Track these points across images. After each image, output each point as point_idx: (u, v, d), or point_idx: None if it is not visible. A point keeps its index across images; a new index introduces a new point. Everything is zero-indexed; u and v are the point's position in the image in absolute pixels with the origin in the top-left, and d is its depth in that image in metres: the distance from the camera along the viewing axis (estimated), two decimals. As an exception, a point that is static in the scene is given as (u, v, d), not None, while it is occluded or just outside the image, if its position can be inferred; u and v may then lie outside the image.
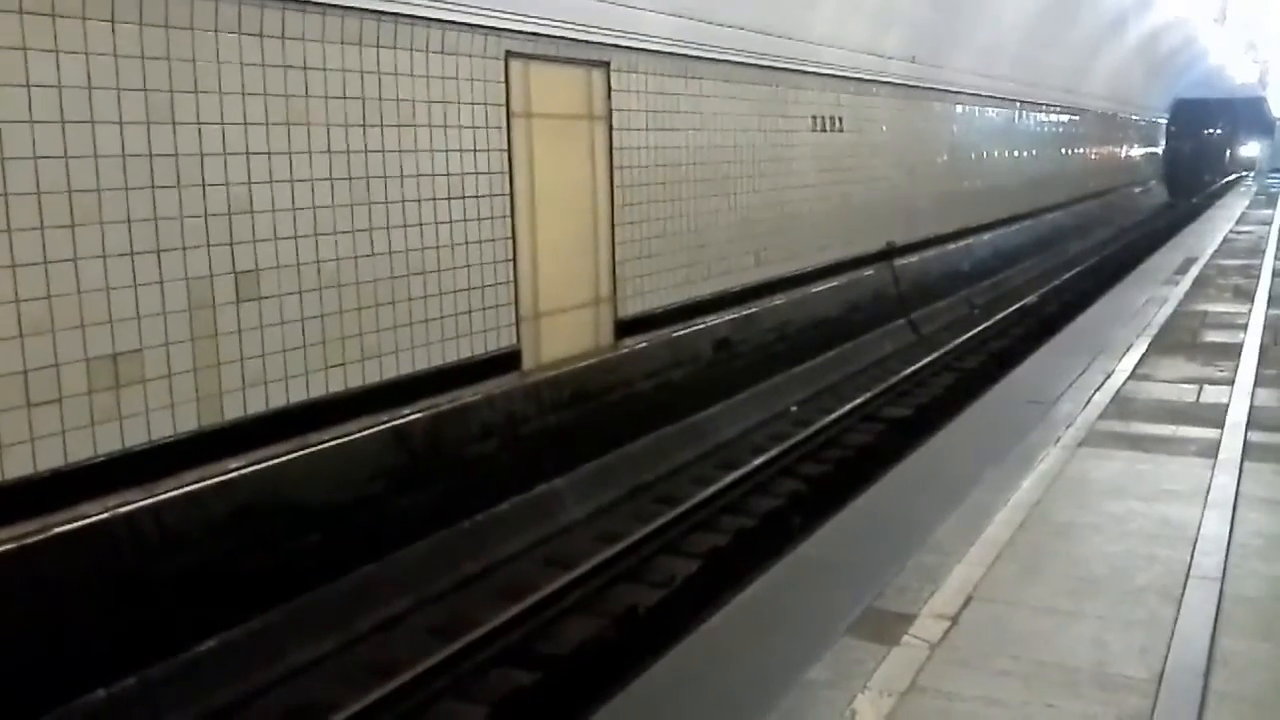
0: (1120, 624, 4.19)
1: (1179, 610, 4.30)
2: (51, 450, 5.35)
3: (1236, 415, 7.12)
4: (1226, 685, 3.73)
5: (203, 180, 5.99)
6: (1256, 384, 7.99)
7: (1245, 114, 49.31)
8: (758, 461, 9.35)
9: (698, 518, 8.23)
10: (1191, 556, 4.82)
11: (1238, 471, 5.97)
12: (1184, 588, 4.50)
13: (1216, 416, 7.11)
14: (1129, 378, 8.31)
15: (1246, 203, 28.58)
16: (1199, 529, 5.14)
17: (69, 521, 5.36)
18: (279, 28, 6.37)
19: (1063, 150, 26.28)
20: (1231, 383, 8.05)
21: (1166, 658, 3.91)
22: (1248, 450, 6.36)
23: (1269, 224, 21.83)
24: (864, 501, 6.09)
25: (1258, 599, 4.44)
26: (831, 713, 3.56)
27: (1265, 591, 4.51)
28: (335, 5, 6.66)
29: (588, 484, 8.66)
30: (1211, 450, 6.37)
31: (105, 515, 5.51)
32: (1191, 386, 7.99)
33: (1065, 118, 25.95)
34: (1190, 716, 3.52)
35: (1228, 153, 53.12)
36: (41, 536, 5.22)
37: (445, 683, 5.89)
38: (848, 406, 11.21)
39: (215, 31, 6.01)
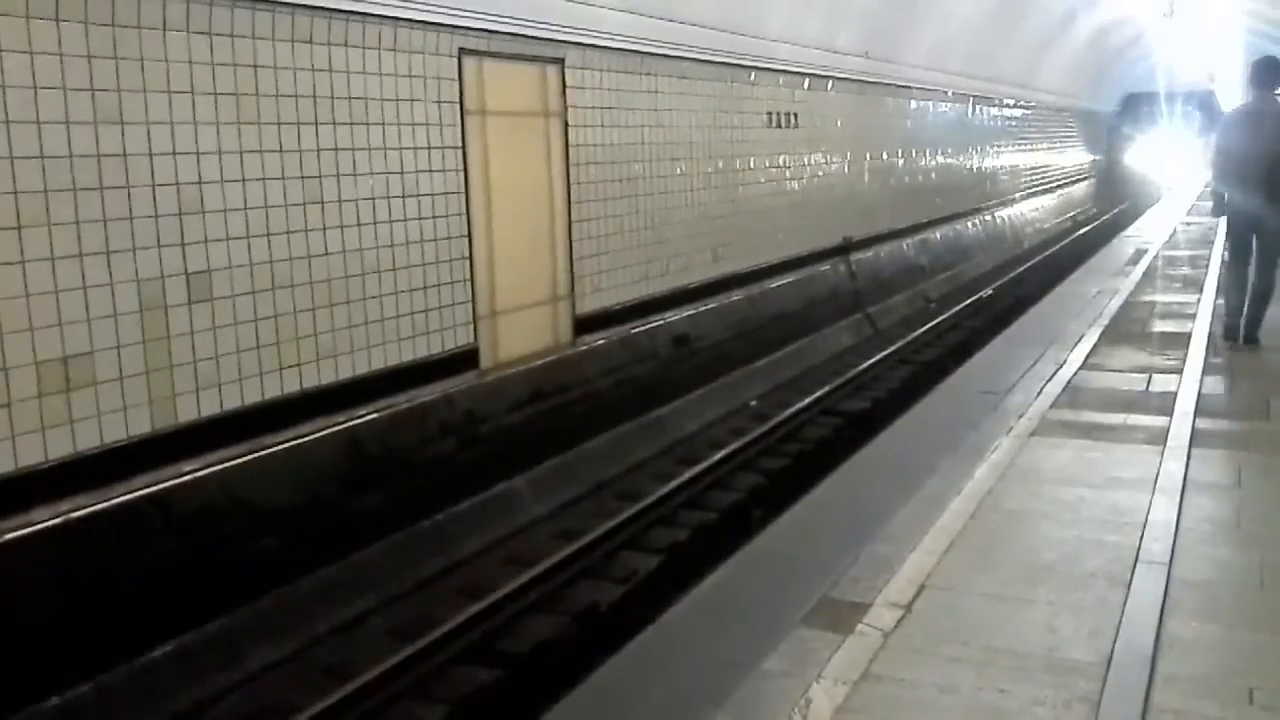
0: (1070, 609, 4.24)
1: (1128, 595, 4.36)
2: (2, 455, 5.29)
3: (1185, 403, 7.22)
4: (1173, 667, 3.80)
5: (153, 180, 5.94)
6: (1204, 372, 8.11)
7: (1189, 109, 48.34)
8: (717, 456, 9.39)
9: (658, 513, 8.26)
10: (1140, 542, 4.88)
11: (1185, 458, 6.06)
12: (1132, 573, 4.56)
13: (1165, 405, 7.21)
14: (1080, 367, 8.42)
15: (1195, 196, 28.95)
16: (1148, 515, 5.21)
17: (21, 527, 5.30)
18: (228, 26, 6.33)
19: (1017, 144, 26.48)
20: (1180, 371, 8.17)
21: (1115, 641, 3.97)
22: (1195, 437, 6.45)
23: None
24: (819, 493, 6.13)
25: (1205, 583, 4.51)
26: (786, 702, 3.59)
27: (1212, 575, 4.59)
28: (285, 3, 6.62)
29: (548, 482, 8.67)
30: (1160, 438, 6.46)
31: (58, 520, 5.45)
32: (1141, 375, 8.10)
33: (1019, 112, 26.17)
34: (1138, 698, 3.58)
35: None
36: (-7, 542, 5.17)
37: (406, 683, 5.88)
38: (806, 400, 11.27)
39: (163, 30, 5.96)
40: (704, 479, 8.97)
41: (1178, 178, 38.65)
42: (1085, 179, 36.71)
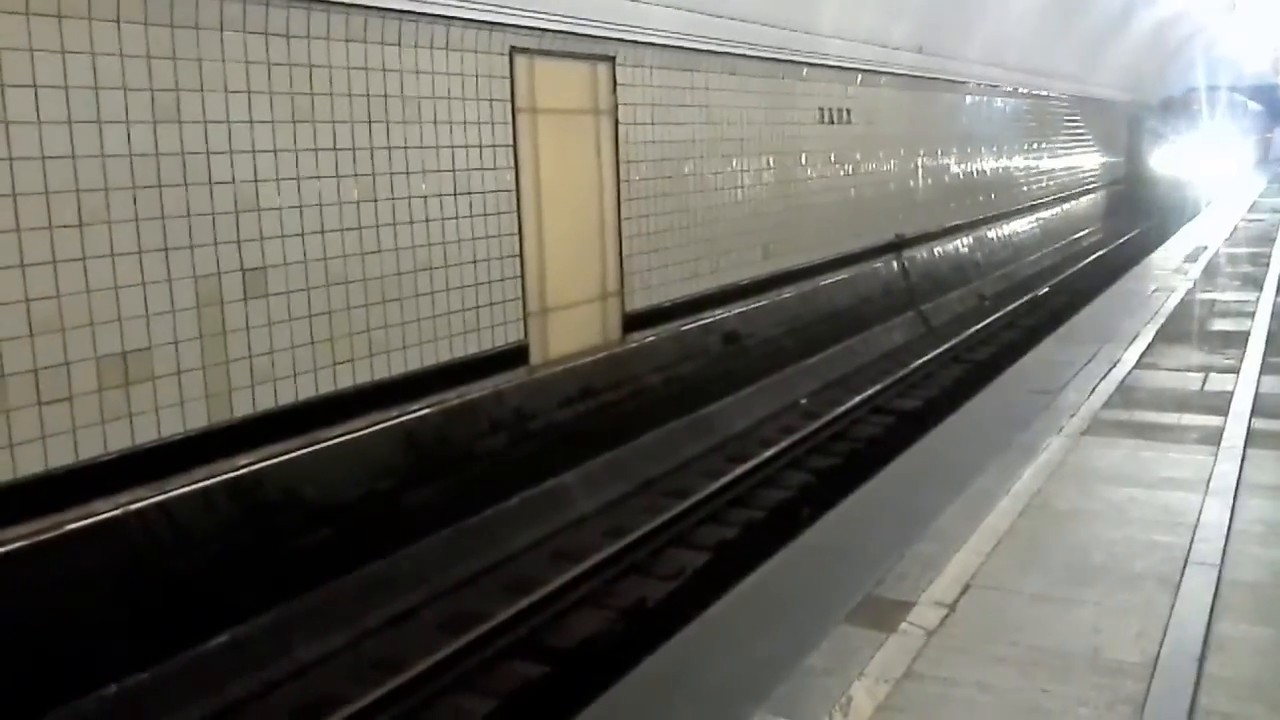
0: (1117, 610, 4.22)
1: (1176, 596, 4.32)
2: (63, 448, 5.42)
3: (1241, 403, 7.12)
4: (1221, 669, 3.76)
5: (210, 178, 6.06)
6: (1262, 372, 7.99)
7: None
8: (767, 454, 9.38)
9: (707, 510, 8.27)
10: (1191, 543, 4.84)
11: (1240, 459, 5.98)
12: (1182, 574, 4.52)
13: (1221, 404, 7.12)
14: (1134, 366, 8.33)
15: (1260, 189, 28.43)
16: (1199, 516, 5.16)
17: (82, 518, 5.43)
18: (284, 26, 6.43)
19: (1074, 141, 26.07)
20: (1237, 371, 8.05)
21: (1162, 643, 3.94)
22: (1251, 438, 6.36)
23: (1281, 212, 21.76)
24: (866, 491, 6.12)
25: (1256, 584, 4.46)
26: (828, 699, 3.60)
27: (1264, 577, 4.53)
28: (339, 3, 6.71)
29: (597, 478, 8.71)
30: (1215, 438, 6.38)
31: (117, 512, 5.58)
32: (1197, 375, 7.99)
33: (1077, 109, 25.76)
34: (1184, 700, 3.55)
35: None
36: (55, 533, 5.30)
37: (454, 676, 5.94)
38: (857, 399, 11.23)
39: (220, 30, 6.07)
40: (753, 477, 8.97)
41: (1227, 184, 31.54)
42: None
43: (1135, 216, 29.88)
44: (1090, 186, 28.26)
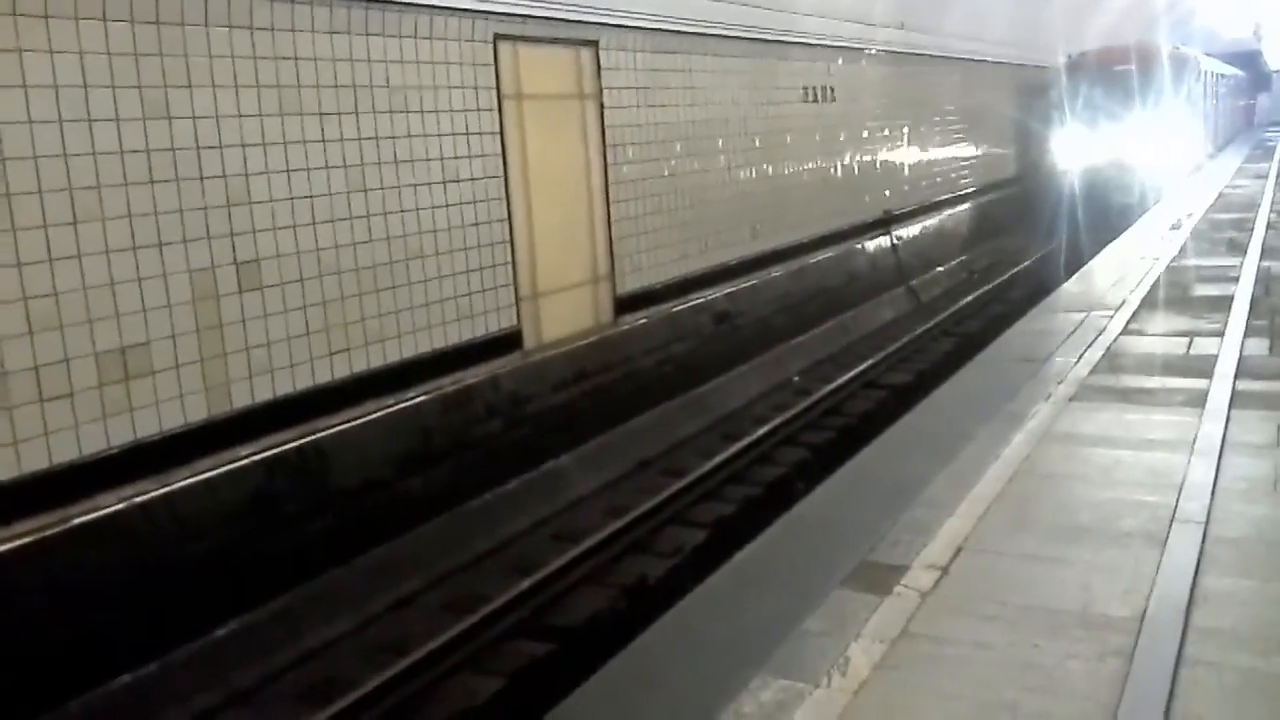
0: (1105, 568, 4.31)
1: (1163, 553, 4.41)
2: (66, 444, 5.49)
3: (1225, 365, 7.22)
4: (1207, 621, 3.86)
5: (200, 173, 6.11)
6: (1246, 335, 8.08)
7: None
8: (761, 431, 9.48)
9: (704, 488, 8.36)
10: (1177, 502, 4.93)
11: (1225, 419, 6.07)
12: (1168, 532, 4.62)
13: (1206, 367, 7.21)
14: (1121, 333, 8.42)
15: (1243, 157, 28.49)
16: (1185, 475, 5.25)
17: (87, 512, 5.50)
18: (268, 20, 6.47)
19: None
20: (1221, 334, 8.15)
21: (1149, 597, 4.03)
22: (1235, 399, 6.46)
23: (1265, 178, 21.81)
24: (859, 462, 6.22)
25: (1241, 540, 4.55)
26: (825, 660, 3.69)
27: (1248, 532, 4.62)
28: (323, -4, 6.76)
29: (593, 460, 8.79)
30: (1200, 400, 6.48)
31: (121, 505, 5.65)
32: (1182, 339, 8.09)
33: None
34: (1171, 651, 3.65)
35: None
36: (61, 528, 5.37)
37: (460, 657, 6.03)
38: (848, 375, 11.32)
39: (206, 26, 6.12)
40: (748, 454, 9.06)
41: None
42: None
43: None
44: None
